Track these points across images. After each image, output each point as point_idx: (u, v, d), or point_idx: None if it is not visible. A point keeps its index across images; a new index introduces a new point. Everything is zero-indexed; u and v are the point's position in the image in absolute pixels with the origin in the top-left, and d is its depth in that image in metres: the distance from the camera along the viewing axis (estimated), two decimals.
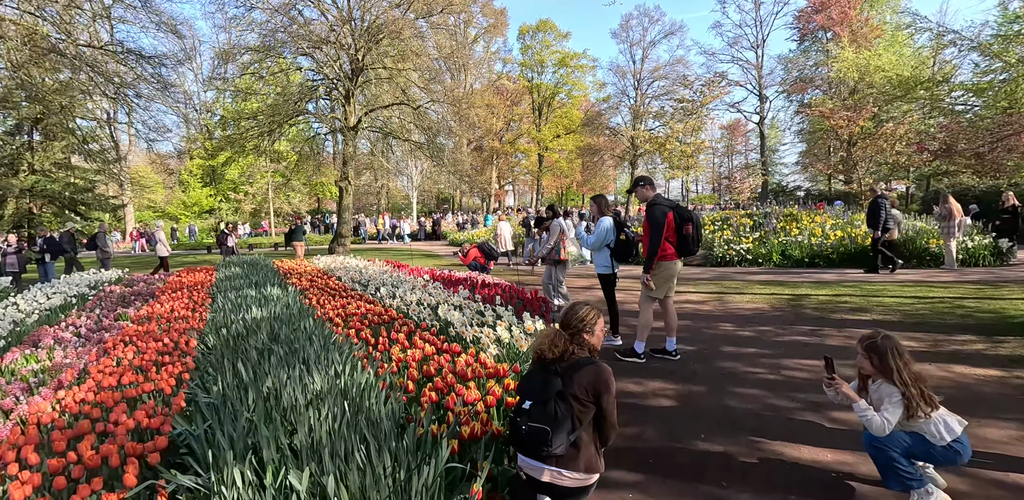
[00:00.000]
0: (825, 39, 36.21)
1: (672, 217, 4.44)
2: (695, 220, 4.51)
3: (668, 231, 4.44)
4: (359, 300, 6.56)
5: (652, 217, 4.44)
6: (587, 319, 2.30)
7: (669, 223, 4.41)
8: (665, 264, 4.51)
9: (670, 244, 4.48)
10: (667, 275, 4.54)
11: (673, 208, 4.48)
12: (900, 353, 2.34)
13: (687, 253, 4.58)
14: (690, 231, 4.48)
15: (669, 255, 4.50)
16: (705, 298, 7.85)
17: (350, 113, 18.64)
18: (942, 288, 7.83)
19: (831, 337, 5.18)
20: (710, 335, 5.49)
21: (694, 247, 4.57)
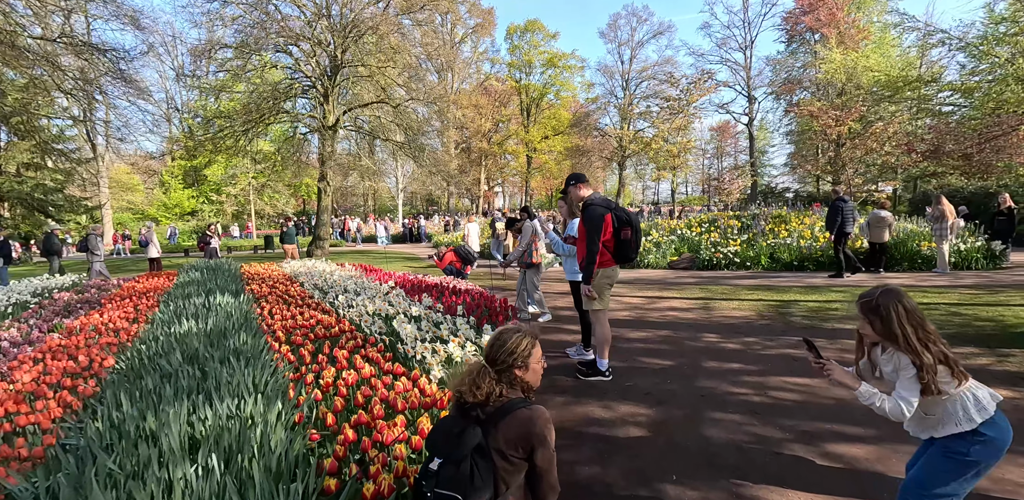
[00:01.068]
0: (813, 41, 36.14)
1: (611, 219, 3.99)
2: (635, 224, 4.06)
3: (606, 234, 3.98)
4: (313, 309, 6.05)
5: (589, 219, 3.97)
6: (518, 350, 1.81)
7: (607, 226, 3.96)
8: (605, 271, 4.06)
9: (607, 249, 4.03)
10: (606, 283, 4.10)
11: (612, 210, 4.02)
12: (908, 310, 1.83)
13: (624, 260, 4.13)
14: (629, 236, 4.03)
15: (607, 261, 4.06)
16: (690, 305, 7.42)
17: (329, 112, 18.08)
18: (936, 293, 7.45)
19: (823, 350, 4.72)
20: (692, 348, 5.04)
21: (632, 253, 4.12)
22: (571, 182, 4.21)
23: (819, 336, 5.23)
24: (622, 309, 7.23)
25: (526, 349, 1.81)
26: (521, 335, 1.84)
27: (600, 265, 4.02)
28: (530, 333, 1.87)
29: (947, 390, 1.78)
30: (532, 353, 1.83)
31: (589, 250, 3.94)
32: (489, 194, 56.54)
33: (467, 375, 1.78)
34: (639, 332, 5.77)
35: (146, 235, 14.83)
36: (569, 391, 3.95)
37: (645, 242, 12.82)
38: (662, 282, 9.93)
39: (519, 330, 1.87)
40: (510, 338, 1.82)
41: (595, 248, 3.93)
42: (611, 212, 4.00)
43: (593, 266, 3.94)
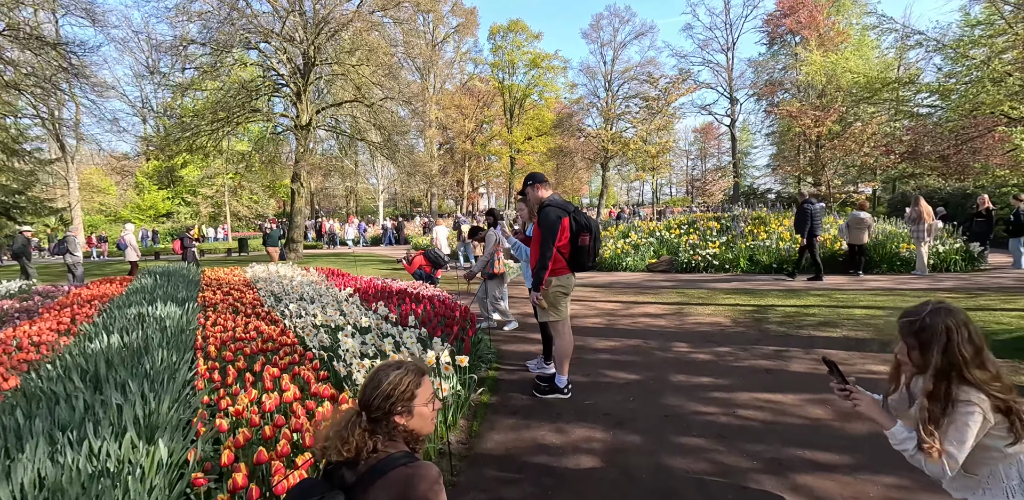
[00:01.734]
0: (794, 43, 36.35)
1: (568, 223, 3.65)
2: (594, 230, 3.73)
3: (562, 239, 3.64)
4: (261, 319, 5.65)
5: (544, 221, 3.63)
6: (397, 392, 1.43)
7: (564, 229, 3.63)
8: (558, 279, 3.72)
9: (561, 255, 3.69)
10: (563, 292, 3.76)
11: (571, 213, 3.70)
12: (964, 333, 1.50)
13: (580, 268, 3.78)
14: (587, 242, 3.69)
15: (560, 269, 3.71)
16: (664, 310, 7.13)
17: (302, 111, 17.59)
18: (915, 298, 7.25)
19: (797, 360, 4.47)
20: (661, 359, 4.73)
21: (589, 262, 3.79)
22: (528, 182, 3.87)
23: (794, 346, 4.96)
24: (594, 315, 6.92)
25: (407, 390, 1.44)
26: (402, 372, 1.46)
27: (553, 272, 3.69)
28: (414, 368, 1.50)
29: (999, 447, 1.40)
30: (417, 393, 1.46)
31: (541, 255, 3.61)
32: (474, 195, 56.11)
33: (333, 426, 1.41)
34: (608, 341, 5.45)
35: (124, 238, 14.33)
36: (521, 411, 3.61)
37: (623, 244, 12.55)
38: (639, 286, 9.65)
39: (400, 366, 1.50)
40: (386, 377, 1.45)
41: (548, 253, 3.59)
42: (569, 216, 3.67)
43: (544, 272, 3.61)
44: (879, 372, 4.06)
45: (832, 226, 11.51)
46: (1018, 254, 9.72)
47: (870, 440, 2.91)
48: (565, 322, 3.83)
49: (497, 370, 4.63)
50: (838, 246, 10.40)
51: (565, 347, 3.80)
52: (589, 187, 60.03)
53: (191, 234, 15.08)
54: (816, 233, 9.17)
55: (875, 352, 4.61)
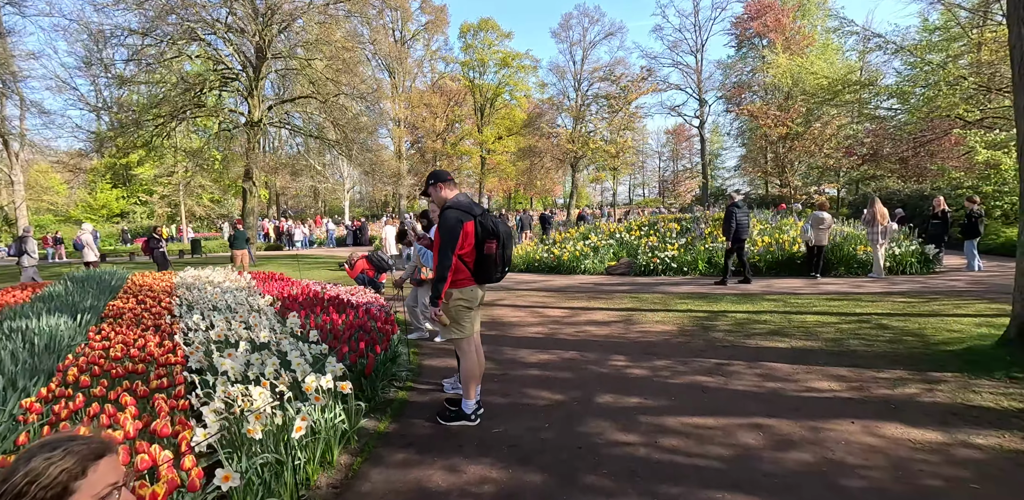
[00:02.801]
0: (761, 46, 36.74)
1: (473, 228, 3.19)
2: (502, 236, 3.25)
3: (465, 246, 3.18)
4: (158, 333, 5.05)
5: (443, 225, 3.16)
6: (34, 489, 0.92)
7: (467, 235, 3.16)
8: (461, 291, 3.26)
9: (464, 265, 3.23)
10: (464, 306, 3.30)
11: (478, 216, 3.22)
12: None
13: (486, 280, 3.32)
14: (494, 250, 3.22)
15: (463, 280, 3.25)
16: (613, 317, 6.75)
17: (253, 107, 16.79)
18: (869, 302, 7.03)
19: (739, 376, 4.10)
20: (593, 375, 4.31)
21: (497, 273, 3.32)
22: (430, 181, 3.38)
23: (739, 358, 4.60)
24: (538, 324, 6.49)
25: (55, 483, 0.93)
26: (56, 456, 0.96)
27: (455, 283, 3.23)
28: (83, 449, 1.00)
29: None
30: (76, 488, 0.96)
31: (440, 264, 3.14)
32: None
33: None
34: (543, 354, 5.02)
35: (80, 238, 13.44)
36: (418, 443, 3.14)
37: (583, 246, 12.19)
38: (593, 290, 9.28)
39: (59, 445, 1.00)
40: (26, 464, 0.95)
41: (447, 262, 3.12)
42: (474, 219, 3.21)
43: (443, 284, 3.15)
44: (821, 389, 3.72)
45: (793, 228, 11.36)
46: (971, 256, 9.67)
47: (806, 478, 2.53)
48: (471, 340, 3.37)
49: (411, 390, 4.15)
50: (796, 248, 10.21)
51: (471, 368, 3.34)
52: (564, 187, 59.84)
53: (159, 233, 14.21)
54: (742, 236, 8.95)
55: (821, 365, 4.27)
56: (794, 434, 3.01)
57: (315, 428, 2.88)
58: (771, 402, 3.52)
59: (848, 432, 3.00)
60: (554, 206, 57.58)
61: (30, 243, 11.74)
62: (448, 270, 3.12)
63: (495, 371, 4.54)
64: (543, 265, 12.28)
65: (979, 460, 2.63)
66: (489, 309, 7.67)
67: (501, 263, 3.31)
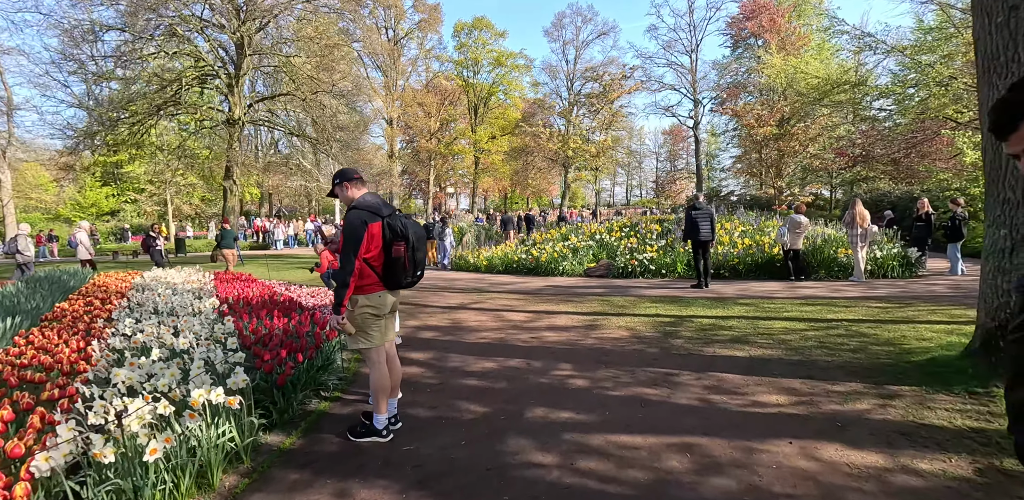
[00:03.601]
0: (757, 46, 36.52)
1: (380, 230, 2.96)
2: (412, 239, 3.03)
3: (372, 249, 2.95)
4: (87, 337, 4.80)
5: (347, 226, 2.92)
6: None
7: (373, 237, 2.94)
8: (368, 298, 3.03)
9: (371, 270, 3.01)
10: (371, 314, 3.05)
11: (386, 218, 2.99)
12: None
13: (395, 285, 3.09)
14: (402, 252, 2.99)
15: (370, 285, 3.02)
16: (576, 321, 6.50)
17: (234, 104, 16.53)
18: (844, 307, 6.79)
19: (684, 388, 3.84)
20: (532, 386, 4.06)
21: (408, 277, 3.09)
22: (336, 181, 3.13)
23: (690, 368, 4.35)
24: (496, 329, 6.24)
25: None
26: None
27: (361, 289, 3.00)
28: None
29: None
30: None
31: (343, 268, 2.89)
32: (440, 195, 55.09)
33: None
34: (488, 362, 4.77)
35: (75, 236, 13.30)
36: (318, 462, 2.88)
37: (562, 247, 11.94)
38: (566, 293, 9.03)
39: None
40: None
41: (349, 267, 2.88)
42: (382, 221, 2.98)
43: (346, 290, 2.90)
44: (766, 404, 3.47)
45: (774, 230, 11.11)
46: (955, 260, 9.43)
47: None
48: (380, 350, 3.11)
49: (336, 401, 3.89)
50: (776, 250, 9.96)
51: (380, 381, 3.09)
52: (560, 187, 59.62)
53: (156, 231, 13.99)
54: (701, 239, 8.63)
55: (775, 376, 4.02)
56: (723, 456, 2.76)
57: (196, 447, 2.63)
58: (710, 418, 3.27)
59: (783, 454, 2.75)
60: (550, 206, 57.33)
61: (22, 241, 11.71)
62: (351, 275, 2.88)
63: (432, 380, 4.29)
64: (521, 267, 12.03)
65: (917, 489, 2.38)
66: (452, 313, 7.43)
67: (412, 267, 3.08)
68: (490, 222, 24.10)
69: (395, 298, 3.20)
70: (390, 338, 3.25)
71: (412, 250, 3.04)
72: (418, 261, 3.11)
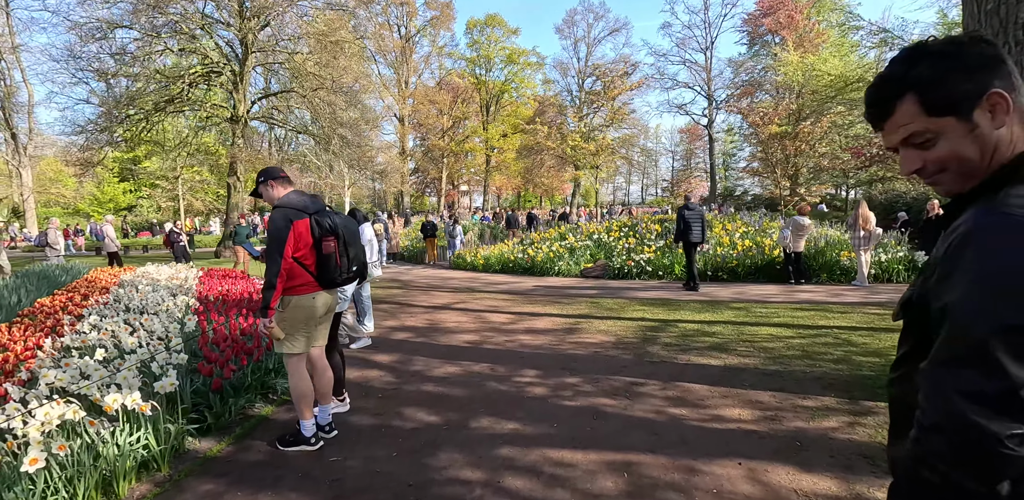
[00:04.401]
0: (774, 43, 35.75)
1: (307, 227, 2.82)
2: (344, 234, 2.92)
3: (301, 248, 2.82)
4: (52, 334, 4.74)
5: (270, 227, 2.80)
6: None
7: (301, 235, 2.80)
8: (300, 299, 2.87)
9: (303, 268, 2.85)
10: (302, 317, 2.90)
11: (313, 214, 2.85)
12: None
13: (330, 283, 2.94)
14: (332, 248, 2.87)
15: (302, 286, 2.87)
16: (557, 324, 6.30)
17: (238, 101, 16.59)
18: (839, 313, 6.48)
19: (645, 399, 3.64)
20: (489, 393, 3.88)
21: (342, 273, 2.95)
22: (260, 179, 2.99)
23: (658, 377, 4.13)
24: (473, 331, 6.07)
25: None
26: None
27: (291, 291, 2.85)
28: None
29: None
30: None
31: (269, 270, 2.74)
32: (453, 193, 55.02)
33: None
34: (453, 366, 4.60)
35: (102, 229, 13.65)
36: (237, 472, 2.74)
37: (558, 247, 11.73)
38: (557, 294, 8.83)
39: None
40: None
41: (275, 267, 2.73)
42: (309, 217, 2.83)
43: (272, 292, 2.74)
44: (727, 419, 3.24)
45: (776, 231, 10.76)
46: None
47: None
48: (303, 358, 2.97)
49: (284, 404, 3.76)
50: (777, 252, 9.64)
51: (300, 388, 2.93)
52: (570, 185, 59.17)
53: (179, 227, 14.24)
54: (693, 240, 8.45)
55: (745, 388, 3.79)
56: (662, 478, 2.55)
57: (100, 455, 2.51)
58: (661, 434, 3.06)
59: (727, 477, 2.53)
60: (563, 204, 56.97)
61: (52, 234, 12.13)
62: (277, 276, 2.73)
63: (388, 385, 4.13)
64: (517, 266, 11.85)
65: None
66: (434, 313, 7.28)
67: (347, 263, 2.96)
68: (497, 220, 23.96)
69: (331, 298, 3.05)
70: (319, 343, 3.10)
71: (344, 245, 2.93)
72: (352, 257, 2.98)
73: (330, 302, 3.04)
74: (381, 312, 7.40)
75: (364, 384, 4.16)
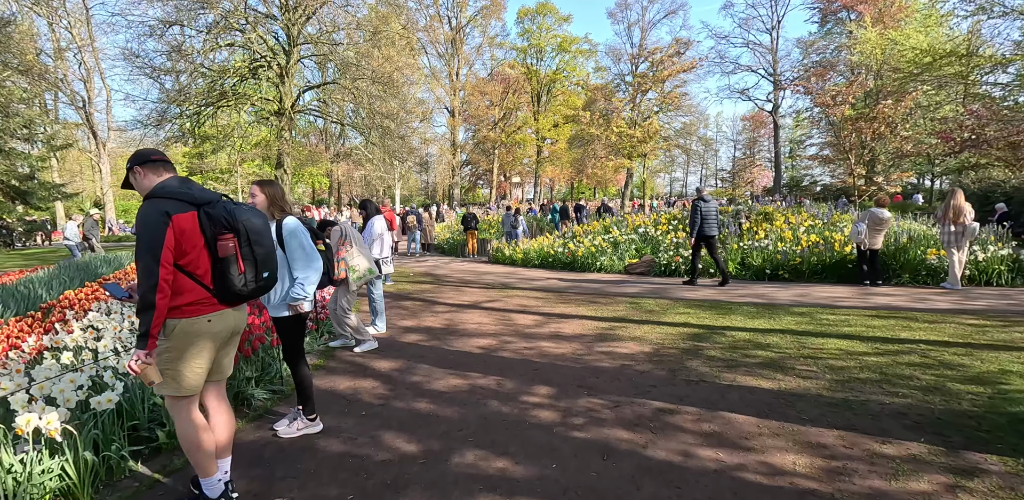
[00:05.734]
0: (848, 20, 32.80)
1: (194, 223, 2.08)
2: (246, 229, 2.16)
3: (187, 251, 2.07)
4: (44, 331, 4.58)
5: (141, 224, 2.04)
6: None
7: (185, 234, 2.05)
8: (186, 325, 2.11)
9: (192, 280, 2.11)
10: (194, 347, 2.15)
11: (202, 206, 2.11)
12: None
13: (233, 296, 2.19)
14: (232, 250, 2.13)
15: (193, 305, 2.11)
16: (588, 329, 5.64)
17: (286, 94, 16.72)
18: (926, 324, 5.45)
19: (673, 434, 2.94)
20: (486, 416, 3.30)
21: (248, 283, 2.19)
22: (128, 165, 2.22)
23: (695, 402, 3.42)
24: (493, 334, 5.51)
25: None
26: None
27: (177, 311, 2.07)
28: None
29: None
30: None
31: (142, 282, 1.96)
32: (504, 184, 54.62)
33: None
34: (457, 378, 4.05)
35: None
36: None
37: (601, 241, 10.95)
38: (596, 292, 8.12)
39: None
40: None
41: (152, 279, 1.94)
42: (196, 210, 2.09)
43: (151, 313, 1.95)
44: (777, 469, 2.51)
45: (848, 225, 9.55)
46: None
47: None
48: (193, 400, 2.22)
49: (257, 419, 3.34)
50: (849, 249, 8.48)
51: (190, 437, 2.19)
52: (623, 174, 57.37)
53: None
54: (708, 234, 8.05)
55: (802, 423, 3.02)
56: None
57: None
58: (684, 489, 2.37)
59: None
60: (617, 196, 55.36)
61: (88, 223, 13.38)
62: (155, 291, 1.94)
63: (375, 400, 3.64)
64: (557, 261, 11.19)
65: None
66: (457, 313, 6.77)
67: (254, 268, 2.20)
68: (543, 213, 23.29)
69: (237, 318, 2.31)
70: (219, 377, 2.39)
71: (249, 245, 2.17)
72: (260, 259, 2.22)
73: (235, 324, 2.30)
74: (403, 310, 6.98)
75: (350, 397, 3.69)
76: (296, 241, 2.95)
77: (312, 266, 2.99)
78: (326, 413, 3.36)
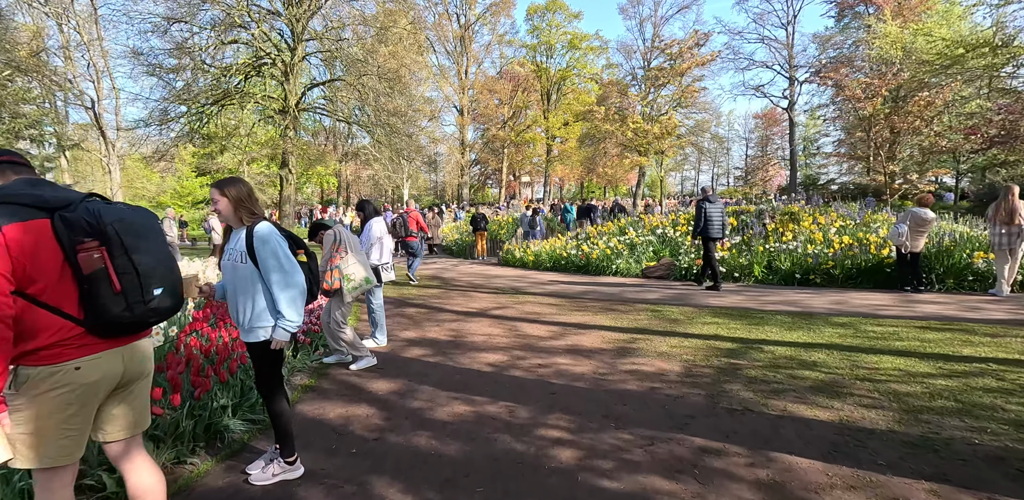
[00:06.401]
0: (867, 14, 31.87)
1: (46, 233, 1.53)
2: (116, 232, 1.59)
3: (44, 269, 1.52)
4: None
5: None
6: None
7: (28, 250, 1.48)
8: (44, 374, 1.53)
9: (49, 311, 1.53)
10: (56, 405, 1.55)
11: (57, 211, 1.57)
12: None
13: (116, 329, 1.65)
14: (100, 262, 1.56)
15: (51, 349, 1.53)
16: (608, 342, 5.13)
17: (290, 92, 16.34)
18: (988, 338, 4.87)
19: (721, 485, 2.43)
20: (496, 455, 2.80)
21: (130, 307, 1.61)
22: None
23: (741, 440, 2.90)
24: (503, 348, 5.01)
25: None
26: None
27: (28, 357, 1.52)
28: None
29: None
30: None
31: None
32: (514, 184, 54.06)
33: None
34: (463, 405, 3.56)
35: (209, 222, 14.20)
36: None
37: (616, 243, 10.41)
38: (613, 298, 7.60)
39: None
40: None
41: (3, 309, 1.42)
42: (50, 216, 1.56)
43: (8, 355, 1.44)
44: None
45: (883, 226, 8.94)
46: None
47: None
48: (67, 472, 1.64)
49: (232, 457, 2.86)
50: (886, 251, 7.89)
51: None
52: (634, 173, 56.50)
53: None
54: (712, 236, 7.74)
55: (881, 471, 2.49)
56: None
57: None
58: None
59: None
60: (628, 195, 54.62)
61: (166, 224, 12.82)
62: (8, 327, 1.43)
63: (369, 433, 3.15)
64: (570, 264, 10.68)
65: None
66: (464, 322, 6.28)
67: (138, 284, 1.62)
68: (554, 213, 22.76)
69: (131, 358, 1.74)
70: (129, 434, 1.83)
71: (126, 253, 1.61)
72: (145, 272, 1.64)
73: (124, 369, 1.72)
74: (406, 319, 6.51)
75: (340, 429, 3.20)
76: (268, 249, 2.45)
77: (291, 282, 2.49)
78: (311, 450, 2.88)
